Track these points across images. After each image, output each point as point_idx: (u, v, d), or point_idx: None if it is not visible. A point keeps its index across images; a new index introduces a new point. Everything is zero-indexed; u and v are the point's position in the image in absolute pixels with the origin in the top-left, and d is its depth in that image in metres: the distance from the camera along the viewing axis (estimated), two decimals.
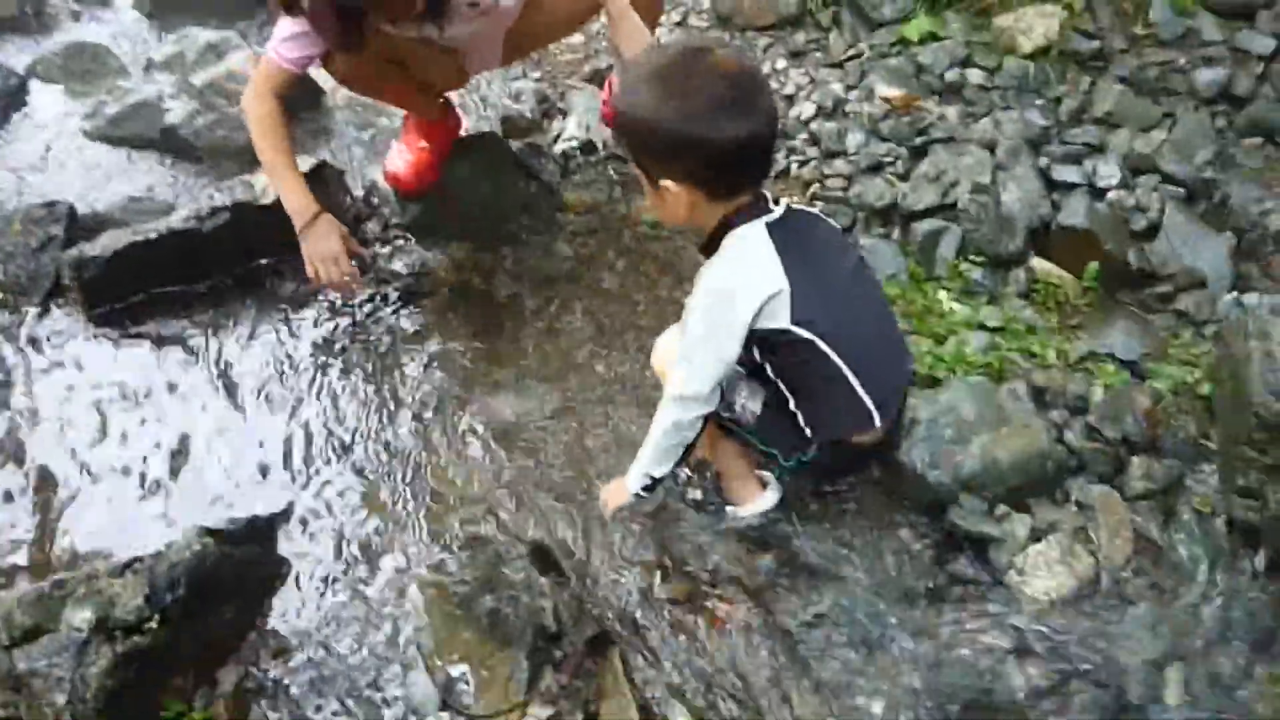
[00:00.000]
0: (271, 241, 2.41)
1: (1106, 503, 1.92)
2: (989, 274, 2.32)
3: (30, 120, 3.14)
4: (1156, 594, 1.84)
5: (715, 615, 1.85)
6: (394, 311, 2.44)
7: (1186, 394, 2.05)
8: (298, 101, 3.08)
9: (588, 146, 2.79)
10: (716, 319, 1.63)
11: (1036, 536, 1.89)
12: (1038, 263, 2.32)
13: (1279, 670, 1.73)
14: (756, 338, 1.63)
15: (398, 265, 2.49)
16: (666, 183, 1.57)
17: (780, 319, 1.60)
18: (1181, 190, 2.35)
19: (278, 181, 2.25)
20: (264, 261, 2.47)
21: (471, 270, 2.50)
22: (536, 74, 3.24)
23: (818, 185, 2.58)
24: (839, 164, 2.60)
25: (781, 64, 2.95)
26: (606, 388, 2.25)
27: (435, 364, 2.32)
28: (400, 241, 2.52)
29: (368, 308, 2.44)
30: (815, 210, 1.92)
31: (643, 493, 1.83)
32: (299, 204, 2.23)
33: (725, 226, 1.63)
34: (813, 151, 2.66)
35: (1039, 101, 2.68)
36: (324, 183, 2.48)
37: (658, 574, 1.90)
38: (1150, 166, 2.40)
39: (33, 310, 2.37)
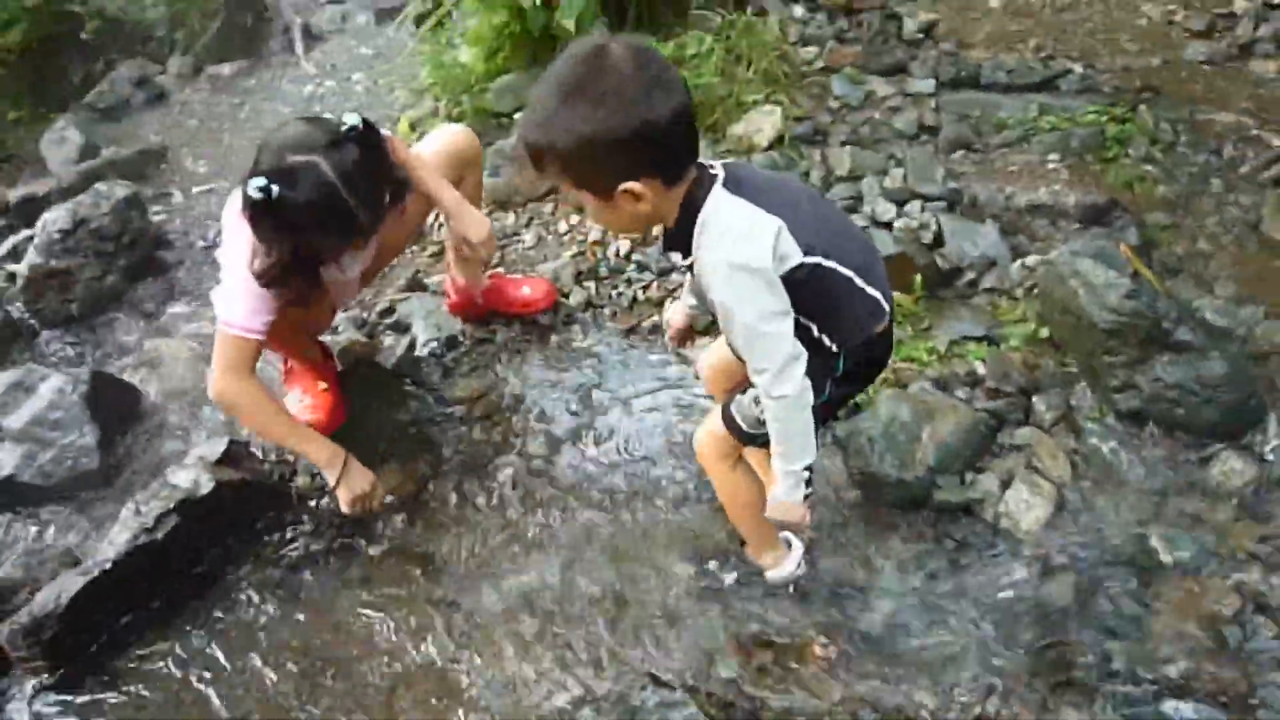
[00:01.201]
0: (216, 529, 2.35)
1: (1035, 439, 2.37)
2: None
3: None
4: (1105, 487, 2.29)
5: (815, 655, 2.07)
6: (354, 555, 2.44)
7: (1033, 341, 2.57)
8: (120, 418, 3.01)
9: (450, 342, 2.95)
10: (752, 287, 1.66)
11: (1004, 485, 2.29)
12: None
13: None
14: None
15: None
16: (627, 185, 1.59)
17: (793, 256, 1.66)
18: (942, 203, 2.95)
19: (297, 442, 2.36)
20: (211, 552, 2.39)
21: (409, 487, 2.56)
22: None
23: (669, 299, 2.91)
24: (675, 276, 2.96)
25: (576, 219, 3.29)
26: (583, 536, 2.39)
27: (422, 582, 2.34)
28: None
29: (333, 561, 2.42)
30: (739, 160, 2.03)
31: (808, 490, 1.87)
32: (328, 454, 2.34)
33: (690, 209, 1.67)
34: (648, 275, 3.00)
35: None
36: (236, 459, 2.46)
37: (744, 653, 2.09)
38: (909, 195, 2.98)
39: None
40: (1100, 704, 1.90)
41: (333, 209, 1.99)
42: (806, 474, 1.85)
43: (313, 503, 2.52)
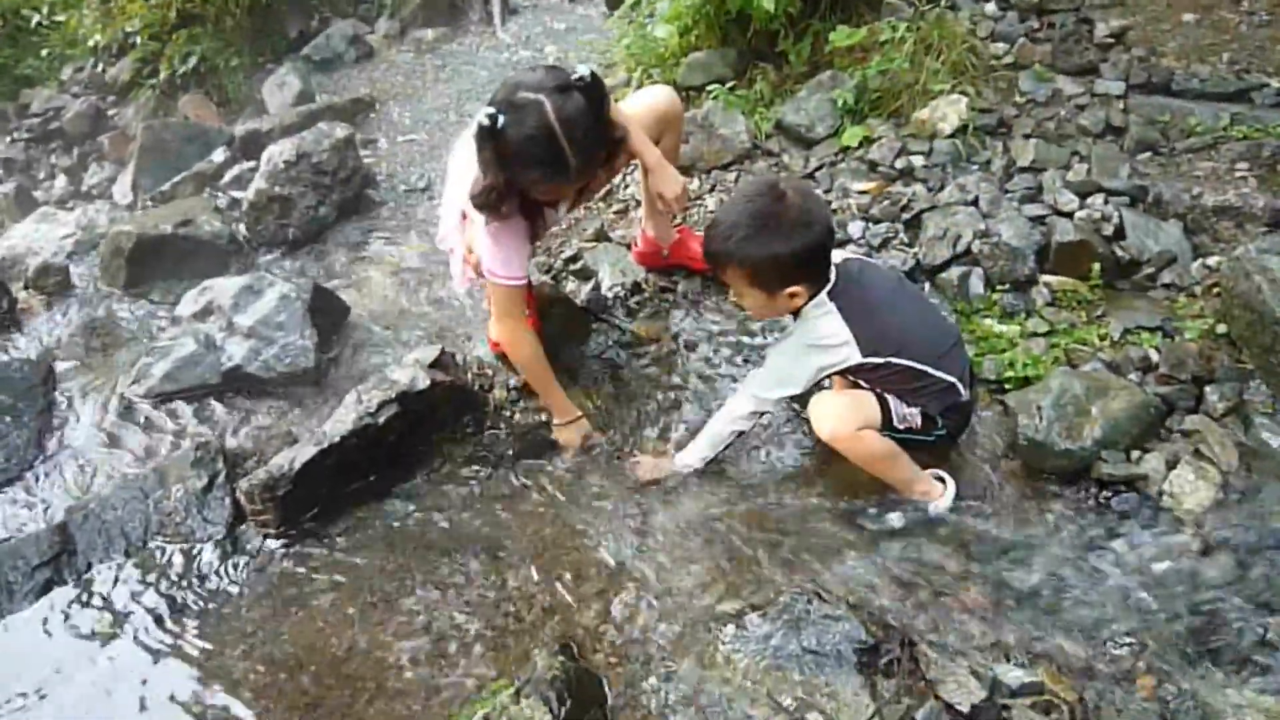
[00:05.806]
0: (424, 423, 2.61)
1: (1205, 426, 2.42)
2: (1017, 296, 2.85)
3: (79, 402, 3.16)
4: (1272, 478, 2.33)
5: (964, 602, 2.18)
6: (538, 464, 2.68)
7: (1209, 336, 2.62)
8: (331, 326, 3.33)
9: (635, 287, 3.16)
10: (801, 362, 2.32)
11: (1170, 466, 2.36)
12: (1048, 278, 2.87)
13: None
14: (848, 371, 2.31)
15: (534, 419, 2.74)
16: (793, 289, 2.21)
17: (853, 359, 2.25)
18: (1125, 199, 3.00)
19: (549, 391, 2.68)
20: (418, 443, 2.64)
21: (589, 402, 2.79)
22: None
23: None
24: (852, 248, 3.10)
25: None
26: (747, 468, 2.60)
27: (598, 494, 2.57)
28: (528, 400, 2.77)
29: (521, 466, 2.67)
30: (852, 255, 2.52)
31: (686, 467, 2.52)
32: (567, 409, 2.69)
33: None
34: None
35: (975, 166, 3.32)
36: (445, 365, 2.71)
37: (902, 589, 2.22)
38: (1093, 189, 3.05)
39: (220, 544, 2.44)
40: (1252, 670, 1.96)
41: (546, 147, 2.16)
42: (703, 463, 2.52)
43: (506, 413, 2.76)
